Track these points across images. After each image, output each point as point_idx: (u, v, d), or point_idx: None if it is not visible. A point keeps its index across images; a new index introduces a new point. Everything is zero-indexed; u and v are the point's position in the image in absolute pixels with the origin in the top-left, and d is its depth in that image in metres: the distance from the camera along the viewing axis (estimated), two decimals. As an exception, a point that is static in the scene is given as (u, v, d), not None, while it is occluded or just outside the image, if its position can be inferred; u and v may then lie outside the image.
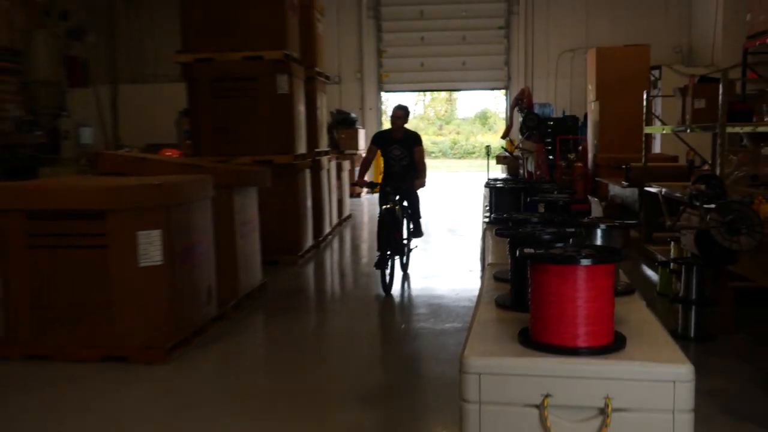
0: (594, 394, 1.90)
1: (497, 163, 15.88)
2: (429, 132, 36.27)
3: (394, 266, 7.12)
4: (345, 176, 12.50)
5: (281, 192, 8.08)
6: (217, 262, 5.95)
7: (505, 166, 15.37)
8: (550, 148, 11.97)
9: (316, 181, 9.65)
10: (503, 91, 17.29)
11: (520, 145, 13.60)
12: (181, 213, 5.25)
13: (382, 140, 7.65)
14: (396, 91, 17.90)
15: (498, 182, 5.14)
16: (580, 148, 12.29)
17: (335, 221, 11.15)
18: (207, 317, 5.65)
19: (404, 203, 7.46)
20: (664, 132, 8.98)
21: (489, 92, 18.40)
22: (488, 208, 5.15)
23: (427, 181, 7.59)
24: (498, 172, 15.59)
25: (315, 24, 10.27)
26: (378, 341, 5.49)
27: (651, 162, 9.02)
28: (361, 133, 16.18)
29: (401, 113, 7.48)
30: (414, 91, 18.40)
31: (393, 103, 9.24)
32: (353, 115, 16.36)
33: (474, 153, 34.18)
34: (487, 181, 5.34)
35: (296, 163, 8.50)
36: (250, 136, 8.26)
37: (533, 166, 12.62)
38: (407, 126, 7.66)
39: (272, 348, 5.60)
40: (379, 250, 6.91)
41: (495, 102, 34.47)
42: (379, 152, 7.82)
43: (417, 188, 7.43)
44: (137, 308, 4.96)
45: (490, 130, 35.06)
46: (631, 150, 10.08)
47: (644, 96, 8.94)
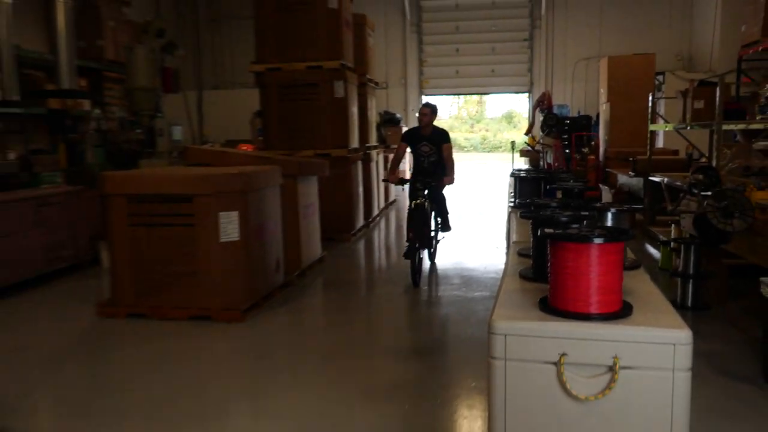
0: (604, 354, 1.87)
1: (521, 156, 15.72)
2: (462, 130, 35.95)
3: (422, 260, 6.35)
4: (391, 167, 12.47)
5: (337, 180, 8.12)
6: (284, 239, 6.01)
7: (528, 159, 15.19)
8: (567, 143, 11.75)
9: (367, 171, 9.66)
10: (526, 94, 17.02)
11: (541, 141, 13.41)
12: (255, 197, 5.30)
13: (412, 137, 6.74)
14: (434, 95, 17.78)
15: (521, 172, 5.07)
16: (593, 143, 12.07)
17: (382, 205, 11.15)
18: (275, 284, 5.72)
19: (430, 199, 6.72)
20: (667, 129, 8.74)
21: (514, 95, 18.06)
22: (513, 195, 5.09)
23: (456, 177, 6.77)
24: (521, 164, 15.40)
25: (366, 38, 10.25)
26: (418, 306, 5.49)
27: (655, 155, 8.83)
28: (404, 130, 16.15)
29: (428, 111, 6.56)
30: (449, 95, 18.26)
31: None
32: (398, 115, 16.30)
33: (500, 147, 33.73)
34: (512, 172, 5.27)
35: (350, 156, 8.52)
36: (312, 133, 8.31)
37: (552, 159, 12.45)
38: (437, 123, 6.88)
39: (328, 310, 5.64)
40: (408, 242, 6.15)
41: (519, 103, 34.01)
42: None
43: (446, 185, 6.48)
44: (219, 276, 5.04)
45: (515, 128, 34.53)
46: (637, 145, 9.88)
47: (650, 98, 8.72)
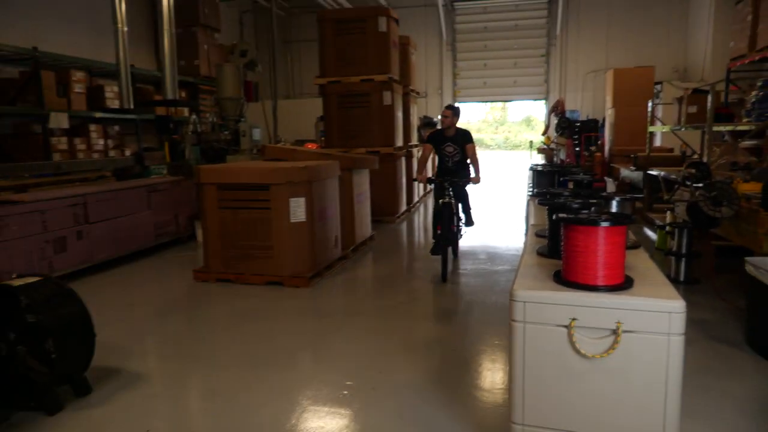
0: (608, 320, 1.82)
1: (537, 153, 15.41)
2: (488, 131, 35.37)
3: (448, 257, 5.47)
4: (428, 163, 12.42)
5: (385, 172, 8.09)
6: (341, 220, 6.03)
7: (544, 155, 14.87)
8: (577, 143, 11.40)
9: (409, 165, 9.58)
10: (543, 101, 16.60)
11: (555, 140, 13.09)
12: (318, 186, 5.33)
13: (436, 139, 5.94)
14: (465, 102, 17.53)
15: (538, 167, 4.95)
16: (599, 143, 11.69)
17: (421, 194, 11.07)
18: (334, 257, 5.75)
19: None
20: (664, 130, 8.40)
21: (532, 102, 17.65)
22: (531, 185, 4.98)
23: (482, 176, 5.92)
24: (538, 160, 15.07)
25: (410, 56, 10.14)
26: (453, 276, 5.44)
27: (653, 153, 8.54)
28: (429, 133, 16.08)
29: (449, 113, 5.76)
30: (478, 102, 17.94)
31: (464, 111, 8.38)
32: (435, 119, 16.14)
33: (520, 146, 33.09)
34: (531, 166, 5.16)
35: (395, 153, 8.47)
36: (364, 134, 8.30)
37: (565, 155, 12.14)
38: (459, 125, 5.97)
39: (376, 278, 5.65)
40: (435, 238, 5.49)
41: (536, 109, 33.21)
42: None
43: (474, 184, 5.64)
44: (289, 250, 5.10)
45: (533, 130, 33.76)
46: (638, 144, 9.53)
47: (649, 104, 8.41)
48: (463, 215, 6.01)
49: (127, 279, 5.57)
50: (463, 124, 6.13)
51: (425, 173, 6.17)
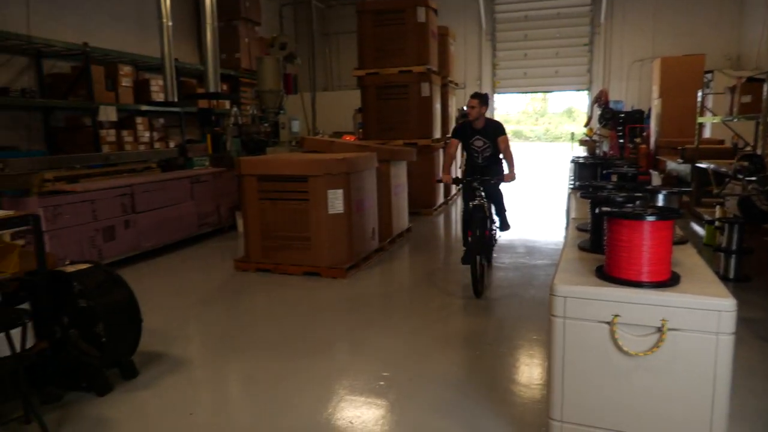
0: (653, 317, 1.77)
1: (579, 145, 15.02)
2: (528, 122, 34.70)
3: (483, 266, 4.76)
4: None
5: (422, 164, 8.06)
6: (379, 212, 6.05)
7: (586, 147, 14.50)
8: (621, 134, 11.07)
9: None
10: (586, 92, 16.14)
11: (598, 132, 12.74)
12: (356, 178, 5.35)
13: (463, 132, 5.14)
14: (504, 93, 17.24)
15: (580, 159, 4.83)
16: (644, 134, 11.32)
17: (459, 186, 10.97)
18: (371, 249, 5.78)
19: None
20: (714, 121, 8.05)
21: (574, 92, 17.18)
22: (572, 178, 4.86)
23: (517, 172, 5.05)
24: (579, 152, 14.71)
25: (449, 46, 10.03)
26: (491, 270, 5.38)
27: (702, 144, 8.18)
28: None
29: (475, 102, 4.89)
30: (518, 93, 17.61)
31: (503, 103, 7.88)
32: (473, 111, 16.00)
33: (561, 138, 32.36)
34: (572, 158, 5.03)
35: (433, 145, 8.41)
36: (402, 126, 8.28)
37: (608, 147, 11.81)
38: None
39: (413, 271, 5.65)
40: (465, 246, 4.84)
41: (578, 100, 32.30)
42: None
43: (508, 182, 4.82)
44: (327, 241, 5.16)
45: (574, 121, 32.95)
46: (686, 135, 9.15)
47: (699, 94, 8.06)
48: (497, 218, 5.26)
49: (172, 267, 5.75)
50: (502, 117, 5.93)
51: (451, 173, 5.22)
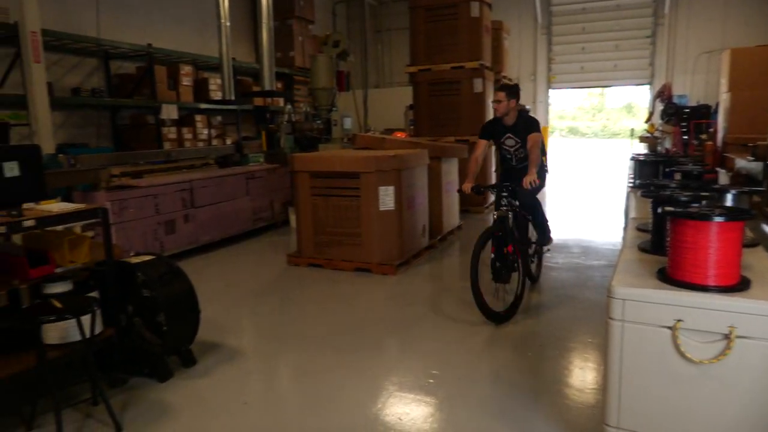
0: (719, 323, 1.68)
1: (639, 142, 14.42)
2: (584, 118, 33.62)
3: (523, 287, 4.05)
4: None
5: (474, 162, 7.96)
6: (429, 209, 6.03)
7: (646, 144, 13.91)
8: (685, 130, 10.55)
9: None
10: (647, 86, 15.47)
11: (660, 128, 12.20)
12: (407, 175, 5.36)
13: (492, 131, 4.43)
14: (560, 88, 16.77)
15: (641, 156, 4.65)
16: (711, 130, 10.74)
17: (512, 183, 10.78)
18: (421, 246, 5.77)
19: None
20: (792, 116, 7.53)
21: (634, 87, 16.48)
22: (632, 176, 4.68)
23: (548, 177, 4.52)
24: (640, 149, 14.14)
25: (503, 41, 9.87)
26: (543, 269, 5.25)
27: (776, 141, 7.67)
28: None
29: (502, 95, 4.18)
30: (574, 88, 17.07)
31: (558, 98, 7.28)
32: (527, 107, 15.64)
33: (619, 134, 31.20)
34: (632, 156, 4.85)
35: (485, 142, 8.31)
36: (454, 123, 8.21)
37: (670, 144, 11.29)
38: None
39: (463, 268, 5.57)
40: (492, 262, 3.99)
41: (639, 94, 30.99)
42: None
43: (525, 185, 3.91)
44: (377, 238, 5.19)
45: (634, 117, 31.68)
46: (758, 131, 8.58)
47: (774, 87, 7.57)
48: (536, 231, 4.56)
49: (227, 260, 5.94)
50: (557, 113, 5.67)
51: (473, 180, 4.24)
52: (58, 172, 5.12)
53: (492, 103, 4.33)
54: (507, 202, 4.01)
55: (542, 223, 4.54)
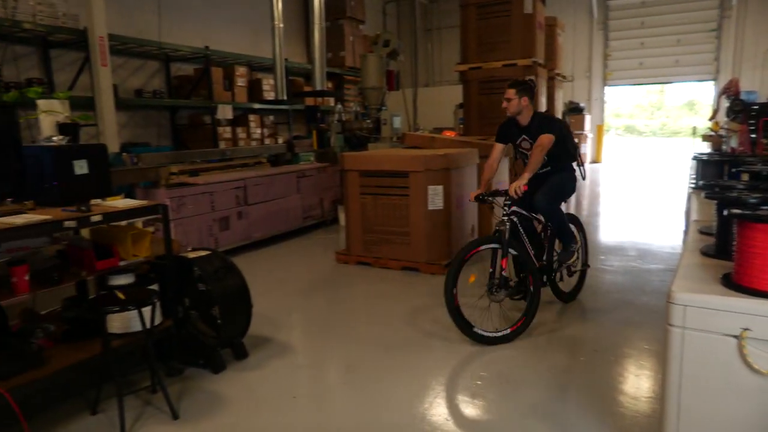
0: (791, 334, 1.57)
1: (702, 141, 13.73)
2: (642, 116, 32.31)
3: (530, 304, 3.62)
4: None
5: (525, 161, 7.82)
6: (478, 209, 5.95)
7: (710, 143, 13.23)
8: (753, 128, 9.95)
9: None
10: (711, 82, 14.70)
11: (725, 126, 11.57)
12: (457, 174, 5.31)
13: (507, 132, 3.98)
14: (616, 85, 16.20)
15: (704, 155, 4.42)
16: (783, 128, 10.08)
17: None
18: (470, 246, 5.71)
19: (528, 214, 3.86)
20: None
21: (697, 83, 15.68)
22: (694, 176, 4.46)
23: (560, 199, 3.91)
24: (702, 148, 13.47)
25: (556, 37, 9.63)
26: (595, 272, 5.11)
27: None
28: (587, 118, 15.06)
29: (512, 92, 3.73)
30: (632, 85, 16.43)
31: (614, 96, 6.50)
32: (581, 105, 15.20)
33: (680, 133, 29.82)
34: (694, 155, 4.61)
35: (537, 141, 8.13)
36: (505, 121, 8.08)
37: (736, 143, 10.68)
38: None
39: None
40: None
41: (702, 91, 29.47)
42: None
43: (511, 192, 3.52)
44: (425, 237, 5.17)
45: (696, 114, 30.18)
46: (837, 129, 8.02)
47: None
48: (560, 243, 4.02)
49: (278, 257, 6.08)
50: (613, 111, 5.40)
51: (485, 187, 3.92)
52: (122, 170, 5.38)
53: (503, 102, 3.84)
54: (510, 212, 3.63)
55: (564, 233, 3.96)
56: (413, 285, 4.84)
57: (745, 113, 10.83)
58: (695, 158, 4.44)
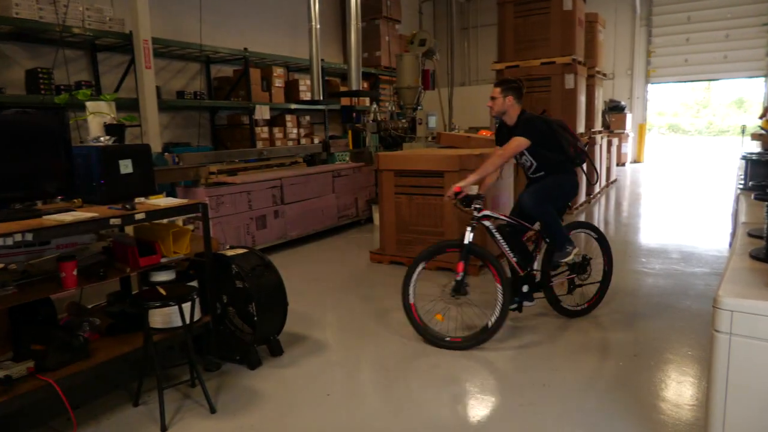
0: None
1: (751, 140, 13.18)
2: (687, 115, 31.19)
3: (498, 312, 3.44)
4: (613, 150, 11.51)
5: (563, 161, 7.68)
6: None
7: (760, 142, 12.68)
8: (808, 127, 9.50)
9: (590, 153, 8.96)
10: (763, 78, 14.07)
11: (776, 124, 11.07)
12: (492, 174, 5.23)
13: (500, 135, 3.84)
14: (660, 83, 15.69)
15: (753, 155, 4.23)
16: (840, 127, 9.57)
17: (603, 184, 10.27)
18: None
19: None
20: None
21: (746, 80, 15.03)
22: (742, 177, 4.28)
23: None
24: (752, 147, 12.91)
25: (597, 34, 9.40)
26: (636, 275, 4.97)
27: None
28: (628, 117, 14.64)
29: (497, 90, 3.61)
30: (676, 82, 15.88)
31: (658, 93, 6.29)
32: (623, 103, 14.79)
33: (727, 131, 28.66)
34: (743, 155, 4.42)
35: (575, 140, 7.97)
36: (542, 121, 7.95)
37: (788, 142, 10.20)
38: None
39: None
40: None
41: (751, 88, 28.20)
42: None
43: (462, 190, 3.54)
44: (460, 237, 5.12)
45: (745, 113, 28.94)
46: None
47: None
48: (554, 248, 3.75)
49: (313, 255, 6.14)
50: (655, 109, 5.22)
51: (483, 187, 3.89)
52: (164, 170, 5.54)
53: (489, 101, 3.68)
54: (479, 216, 3.54)
55: (554, 234, 3.69)
56: (447, 286, 4.79)
57: (799, 111, 10.25)
58: (744, 158, 4.26)
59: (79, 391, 2.94)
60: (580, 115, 8.23)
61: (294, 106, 9.28)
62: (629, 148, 15.42)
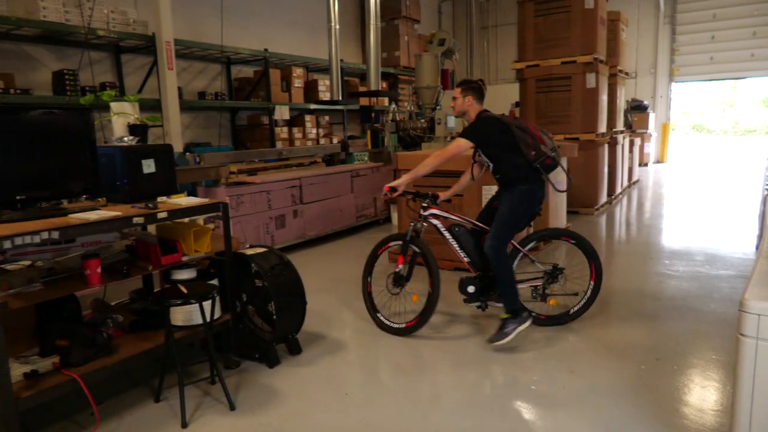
0: None
1: (779, 139, 12.88)
2: (712, 114, 30.55)
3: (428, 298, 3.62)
4: (636, 150, 11.34)
5: (584, 160, 7.60)
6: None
7: (787, 142, 12.36)
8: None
9: (612, 153, 8.83)
10: (791, 77, 13.72)
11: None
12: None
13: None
14: (684, 82, 15.40)
15: (781, 155, 4.13)
16: None
17: (625, 184, 10.13)
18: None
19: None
20: None
21: (775, 78, 14.63)
22: (770, 178, 4.18)
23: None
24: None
25: (619, 32, 9.28)
26: (659, 277, 4.89)
27: None
28: (651, 117, 14.39)
29: (458, 90, 3.59)
30: (701, 81, 15.57)
31: (682, 92, 6.12)
32: (645, 103, 14.56)
33: (754, 131, 28.03)
34: (771, 155, 4.33)
35: (597, 140, 7.86)
36: (563, 120, 7.86)
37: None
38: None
39: (571, 274, 5.35)
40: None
41: (778, 86, 27.49)
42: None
43: (394, 188, 3.66)
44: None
45: (772, 111, 28.29)
46: None
47: None
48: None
49: (332, 255, 6.17)
50: (679, 108, 5.05)
51: (453, 192, 4.09)
52: (186, 169, 5.62)
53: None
54: (426, 215, 3.77)
55: (500, 279, 3.52)
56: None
57: (830, 109, 10.05)
58: (771, 158, 4.17)
59: (103, 387, 3.00)
60: (602, 115, 8.12)
61: (313, 107, 9.33)
62: (652, 148, 15.17)
